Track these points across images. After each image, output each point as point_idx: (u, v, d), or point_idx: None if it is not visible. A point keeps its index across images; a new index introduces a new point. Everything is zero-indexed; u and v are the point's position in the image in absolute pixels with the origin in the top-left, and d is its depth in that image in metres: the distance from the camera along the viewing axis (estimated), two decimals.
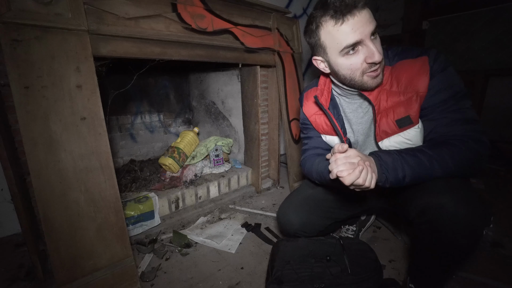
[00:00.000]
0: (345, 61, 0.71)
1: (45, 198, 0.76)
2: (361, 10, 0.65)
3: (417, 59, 0.72)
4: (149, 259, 1.10)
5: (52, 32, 0.75)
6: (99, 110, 0.83)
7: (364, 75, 0.72)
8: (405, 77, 0.74)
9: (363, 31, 0.65)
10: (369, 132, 0.87)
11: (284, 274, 0.80)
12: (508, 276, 0.95)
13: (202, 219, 1.41)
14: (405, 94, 0.74)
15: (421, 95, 0.72)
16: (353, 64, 0.70)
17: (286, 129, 1.68)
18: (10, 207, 1.17)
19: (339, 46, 0.69)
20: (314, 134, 0.99)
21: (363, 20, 0.65)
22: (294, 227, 0.94)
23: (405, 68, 0.74)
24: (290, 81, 1.66)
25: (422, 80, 0.71)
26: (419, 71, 0.71)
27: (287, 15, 1.61)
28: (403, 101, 0.74)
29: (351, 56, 0.70)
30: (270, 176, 1.90)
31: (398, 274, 0.97)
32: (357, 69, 0.71)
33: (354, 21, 0.65)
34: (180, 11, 1.07)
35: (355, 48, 0.68)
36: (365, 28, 0.65)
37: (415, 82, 0.72)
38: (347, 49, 0.68)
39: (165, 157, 1.59)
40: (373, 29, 0.66)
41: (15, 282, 0.99)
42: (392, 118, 0.76)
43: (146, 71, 1.26)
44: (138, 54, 0.98)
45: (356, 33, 0.65)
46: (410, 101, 0.73)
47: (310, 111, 0.96)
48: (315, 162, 0.91)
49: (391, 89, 0.76)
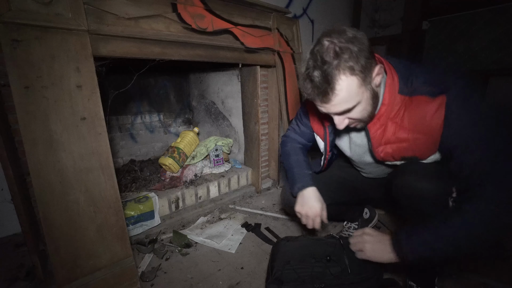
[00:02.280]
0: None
1: (45, 198, 0.76)
2: (328, 102, 0.65)
3: (436, 100, 0.66)
4: (149, 259, 1.10)
5: (52, 32, 0.75)
6: (99, 110, 0.83)
7: None
8: (418, 114, 0.69)
9: (327, 111, 0.68)
10: (365, 156, 0.89)
11: (284, 274, 0.80)
12: (508, 276, 0.95)
13: (202, 219, 1.41)
14: (414, 133, 0.71)
15: (435, 132, 0.68)
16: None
17: (286, 129, 1.68)
18: (10, 207, 1.17)
19: None
20: (307, 126, 1.01)
21: (331, 108, 0.66)
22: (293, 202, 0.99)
23: (421, 105, 0.68)
24: (290, 81, 1.66)
25: (436, 119, 0.66)
26: (434, 111, 0.66)
27: (287, 15, 1.61)
28: (412, 141, 0.72)
29: None
30: (270, 176, 1.90)
31: (398, 274, 0.97)
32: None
33: (320, 107, 0.68)
34: (180, 11, 1.07)
35: None
36: (331, 112, 0.68)
37: (428, 121, 0.68)
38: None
39: (165, 157, 1.59)
40: (343, 111, 0.67)
41: (15, 282, 0.99)
42: (397, 153, 0.77)
43: (146, 71, 1.26)
44: (138, 54, 0.98)
45: (322, 108, 0.69)
46: (419, 141, 0.71)
47: (312, 107, 0.95)
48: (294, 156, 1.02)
49: (401, 123, 0.73)
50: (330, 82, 0.61)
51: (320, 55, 0.61)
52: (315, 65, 0.62)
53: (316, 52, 0.62)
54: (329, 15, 2.66)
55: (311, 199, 0.92)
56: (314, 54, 0.63)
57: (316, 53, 0.62)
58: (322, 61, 0.61)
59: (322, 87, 0.62)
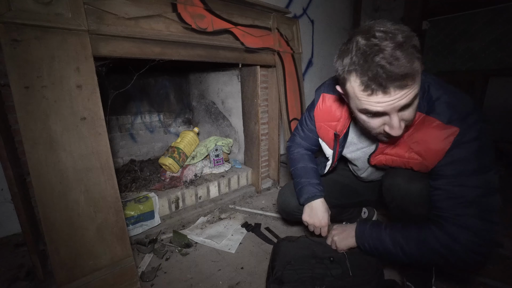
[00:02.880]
0: (362, 117, 0.64)
1: (45, 198, 0.76)
2: (402, 89, 0.53)
3: (447, 128, 0.62)
4: (149, 259, 1.10)
5: (52, 32, 0.75)
6: (99, 110, 0.83)
7: (379, 134, 0.66)
8: (423, 138, 0.66)
9: (390, 107, 0.56)
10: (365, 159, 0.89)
11: (285, 274, 0.80)
12: (508, 276, 0.95)
13: (202, 219, 1.41)
14: (410, 153, 0.71)
15: (428, 163, 0.68)
16: (370, 123, 0.63)
17: (286, 129, 1.68)
18: (10, 207, 1.17)
19: (358, 104, 0.61)
20: (312, 131, 1.00)
21: (397, 98, 0.54)
22: (290, 206, 1.04)
23: (430, 129, 0.65)
24: (290, 81, 1.66)
25: (440, 148, 0.64)
26: (440, 141, 0.63)
27: (287, 15, 1.61)
28: (404, 159, 0.73)
29: (369, 118, 0.62)
30: (270, 176, 1.90)
31: (398, 274, 0.97)
32: (373, 128, 0.65)
33: (384, 98, 0.54)
34: (180, 11, 1.07)
35: (376, 114, 0.60)
36: (396, 105, 0.55)
37: (429, 149, 0.66)
38: (365, 111, 0.61)
39: (165, 157, 1.59)
40: (407, 103, 0.55)
41: (15, 282, 0.99)
42: (390, 163, 0.79)
43: (146, 71, 1.26)
44: (138, 54, 0.98)
45: (380, 107, 0.56)
46: (410, 162, 0.72)
47: (320, 118, 0.92)
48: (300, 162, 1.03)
49: (402, 139, 0.71)
50: (413, 62, 0.51)
51: (390, 35, 0.52)
52: (387, 46, 0.51)
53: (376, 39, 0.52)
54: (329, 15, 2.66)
55: (319, 211, 0.93)
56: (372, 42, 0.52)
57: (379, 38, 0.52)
58: (396, 41, 0.51)
59: (405, 69, 0.51)
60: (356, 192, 1.10)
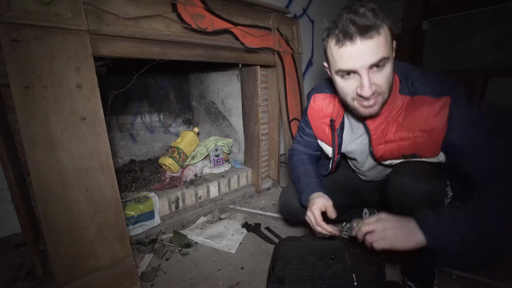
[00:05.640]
0: (339, 81, 0.69)
1: (45, 198, 0.76)
2: (366, 40, 0.58)
3: (439, 100, 0.67)
4: (149, 259, 1.10)
5: (52, 32, 0.75)
6: (99, 110, 0.83)
7: (355, 101, 0.69)
8: (421, 114, 0.69)
9: (359, 62, 0.61)
10: (368, 154, 0.88)
11: (286, 274, 0.80)
12: (508, 276, 0.95)
13: (202, 219, 1.41)
14: (415, 131, 0.71)
15: (437, 134, 0.68)
16: (345, 88, 0.68)
17: (286, 129, 1.68)
18: (10, 207, 1.17)
19: (335, 66, 0.67)
20: (310, 135, 1.01)
21: (364, 51, 0.59)
22: (294, 206, 1.01)
23: (424, 105, 0.69)
24: (290, 81, 1.66)
25: (439, 120, 0.67)
26: (437, 112, 0.67)
27: (287, 15, 1.61)
28: (412, 139, 0.72)
29: (344, 80, 0.67)
30: (270, 176, 1.90)
31: (398, 274, 0.97)
32: (347, 94, 0.69)
33: (353, 49, 0.60)
34: (180, 11, 1.07)
35: (349, 74, 0.65)
36: (363, 59, 0.60)
37: (430, 121, 0.68)
38: (341, 72, 0.66)
39: (165, 157, 1.59)
40: (376, 61, 0.60)
41: (15, 282, 0.99)
42: (397, 152, 0.76)
43: (146, 71, 1.26)
44: (138, 54, 0.98)
45: (350, 62, 0.62)
46: (420, 140, 0.71)
47: (315, 117, 0.95)
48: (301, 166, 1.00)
49: (403, 122, 0.73)
50: (378, 18, 0.58)
51: (367, 5, 0.60)
52: (362, 6, 0.60)
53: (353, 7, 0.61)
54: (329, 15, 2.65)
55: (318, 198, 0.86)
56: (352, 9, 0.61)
57: (354, 7, 0.61)
58: (369, 6, 0.60)
59: (368, 21, 0.58)
60: (358, 192, 1.09)
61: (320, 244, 0.90)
